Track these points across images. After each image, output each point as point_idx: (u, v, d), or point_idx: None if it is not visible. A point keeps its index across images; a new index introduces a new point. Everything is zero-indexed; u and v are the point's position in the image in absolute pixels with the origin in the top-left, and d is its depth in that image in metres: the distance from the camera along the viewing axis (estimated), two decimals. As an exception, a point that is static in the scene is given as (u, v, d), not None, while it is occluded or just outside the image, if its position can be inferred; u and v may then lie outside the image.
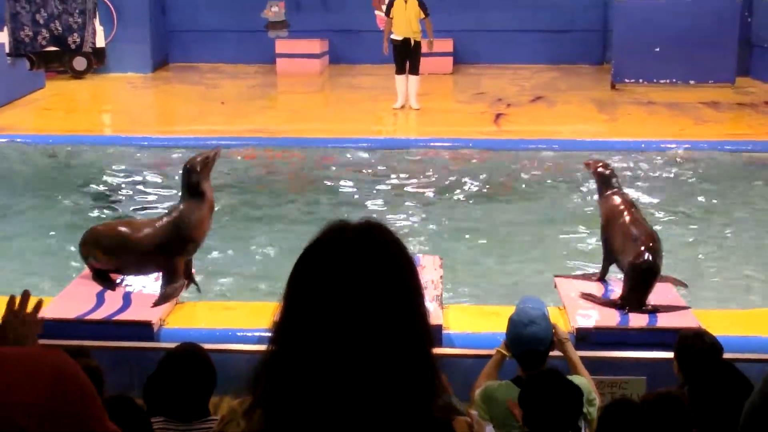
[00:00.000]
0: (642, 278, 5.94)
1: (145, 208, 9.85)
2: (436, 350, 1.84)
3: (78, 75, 17.83)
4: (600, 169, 6.56)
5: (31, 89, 16.21)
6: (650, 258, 5.94)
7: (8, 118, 14.16)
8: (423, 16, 14.31)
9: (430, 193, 10.48)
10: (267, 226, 9.27)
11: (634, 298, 5.92)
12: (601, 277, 6.46)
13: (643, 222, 6.22)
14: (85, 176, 11.17)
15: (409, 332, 1.76)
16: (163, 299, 6.12)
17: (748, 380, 3.93)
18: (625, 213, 6.24)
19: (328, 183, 10.87)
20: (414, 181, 10.99)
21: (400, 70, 14.50)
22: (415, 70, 14.49)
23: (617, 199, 6.37)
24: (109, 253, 6.33)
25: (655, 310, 5.88)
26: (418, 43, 14.37)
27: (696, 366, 4.36)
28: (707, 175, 11.11)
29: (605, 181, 6.50)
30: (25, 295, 2.60)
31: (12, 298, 2.59)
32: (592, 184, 10.45)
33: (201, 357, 4.11)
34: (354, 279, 1.74)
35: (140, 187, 10.74)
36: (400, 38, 14.34)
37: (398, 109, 14.61)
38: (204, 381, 4.04)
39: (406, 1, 14.21)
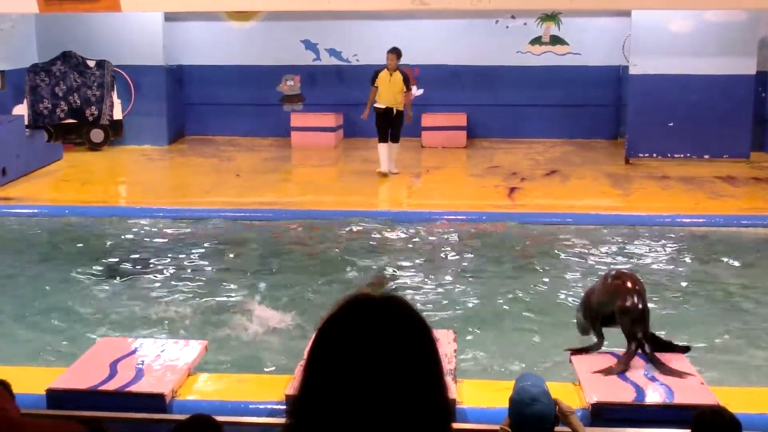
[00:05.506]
0: (632, 316, 6.03)
1: (158, 280, 9.86)
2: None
3: (95, 147, 18.00)
4: None
5: (48, 161, 16.38)
6: (634, 297, 6.09)
7: (26, 189, 14.29)
8: (406, 90, 15.27)
9: (443, 266, 10.44)
10: (277, 297, 9.23)
11: (637, 333, 5.99)
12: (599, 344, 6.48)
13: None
14: (99, 247, 11.19)
15: (429, 406, 1.75)
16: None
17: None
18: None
19: (341, 255, 10.84)
20: (427, 254, 10.96)
21: (383, 139, 15.40)
22: (396, 138, 15.50)
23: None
24: None
25: (659, 350, 6.02)
26: (400, 113, 15.42)
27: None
28: (723, 250, 11.06)
29: None
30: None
31: None
32: (606, 259, 10.55)
33: (212, 427, 4.08)
34: (376, 352, 1.73)
35: (153, 258, 10.74)
36: (382, 107, 15.34)
37: (383, 172, 15.21)
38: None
39: (390, 75, 15.21)
